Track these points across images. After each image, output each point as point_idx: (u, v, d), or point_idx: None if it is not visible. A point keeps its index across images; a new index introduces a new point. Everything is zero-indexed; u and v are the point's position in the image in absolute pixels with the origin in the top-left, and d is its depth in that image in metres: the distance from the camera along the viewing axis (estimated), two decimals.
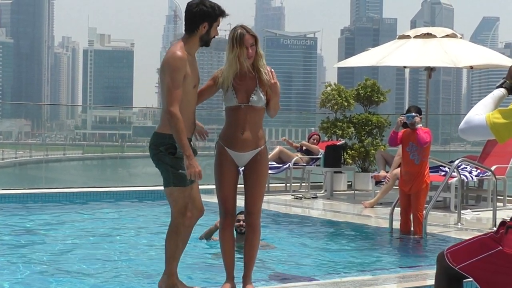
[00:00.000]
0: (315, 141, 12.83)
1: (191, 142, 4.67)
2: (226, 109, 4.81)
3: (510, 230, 3.10)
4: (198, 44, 4.66)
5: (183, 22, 4.79)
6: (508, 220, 3.14)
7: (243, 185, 4.88)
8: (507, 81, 3.12)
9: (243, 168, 4.85)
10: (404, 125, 8.03)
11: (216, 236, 6.84)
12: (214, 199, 5.03)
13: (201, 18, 4.58)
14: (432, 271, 5.98)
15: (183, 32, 4.79)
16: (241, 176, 4.91)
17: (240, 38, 4.68)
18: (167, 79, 4.49)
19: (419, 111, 8.03)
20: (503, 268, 3.12)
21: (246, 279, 4.89)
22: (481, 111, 3.05)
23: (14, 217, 9.23)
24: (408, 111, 8.02)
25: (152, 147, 4.61)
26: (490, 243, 3.19)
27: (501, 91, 3.12)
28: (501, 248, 3.11)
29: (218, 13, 4.61)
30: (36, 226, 8.59)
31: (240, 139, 4.74)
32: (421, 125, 7.92)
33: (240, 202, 4.96)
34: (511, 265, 3.09)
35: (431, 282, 5.55)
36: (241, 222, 6.71)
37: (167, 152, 4.56)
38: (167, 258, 4.75)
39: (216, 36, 4.71)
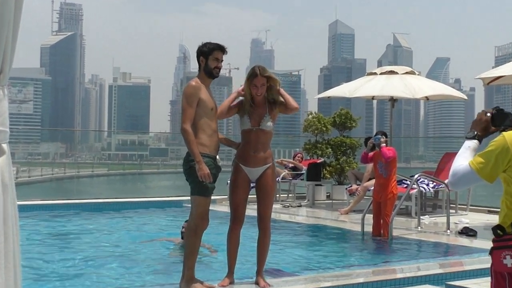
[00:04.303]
0: (299, 158, 12.85)
1: (217, 160, 4.72)
2: (242, 132, 4.88)
3: (493, 251, 2.55)
4: (205, 76, 4.75)
5: (191, 63, 4.90)
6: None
7: (255, 196, 4.91)
8: (478, 133, 2.68)
9: (254, 184, 4.88)
10: (374, 147, 8.06)
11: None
12: (217, 208, 5.02)
13: (198, 55, 4.79)
14: (398, 266, 5.96)
15: (191, 70, 4.91)
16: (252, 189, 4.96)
17: (251, 77, 4.79)
18: (183, 102, 4.65)
19: (384, 134, 8.09)
20: None
21: (259, 273, 4.90)
22: (463, 162, 2.61)
23: (50, 223, 9.17)
24: (376, 134, 8.07)
25: (184, 163, 4.68)
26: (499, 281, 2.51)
27: (475, 142, 2.67)
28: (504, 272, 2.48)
29: (211, 47, 4.74)
30: (69, 231, 8.53)
31: (252, 156, 4.78)
32: (384, 144, 7.93)
33: (249, 211, 4.99)
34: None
35: (399, 276, 5.52)
36: (183, 229, 6.74)
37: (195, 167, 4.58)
38: (186, 254, 4.72)
39: (219, 68, 4.76)
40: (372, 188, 8.46)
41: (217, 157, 4.76)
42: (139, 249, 7.00)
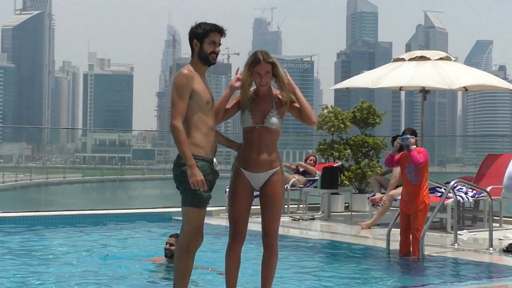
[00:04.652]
0: (312, 162, 12.84)
1: (214, 164, 4.72)
2: (243, 130, 4.89)
3: None
4: (200, 63, 4.76)
5: (182, 47, 4.89)
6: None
7: (259, 207, 4.91)
8: None
9: (258, 193, 4.88)
10: (401, 148, 8.05)
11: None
12: (213, 221, 5.02)
13: (191, 38, 4.77)
14: None
15: (182, 56, 4.90)
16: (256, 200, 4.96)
17: (253, 64, 4.77)
18: (173, 94, 4.65)
19: (414, 133, 8.05)
20: None
21: None
22: None
23: (14, 240, 9.18)
24: (403, 133, 8.04)
25: (175, 167, 4.68)
26: None
27: None
28: None
29: (206, 29, 4.73)
30: (35, 248, 8.54)
31: (254, 159, 4.79)
32: (414, 146, 7.91)
33: (252, 225, 4.99)
34: None
35: None
36: (167, 246, 6.71)
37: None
38: (176, 277, 4.72)
39: (217, 53, 4.76)
40: (399, 197, 8.46)
41: (214, 160, 4.75)
42: (116, 271, 7.00)
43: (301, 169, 12.80)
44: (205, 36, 4.72)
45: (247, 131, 4.84)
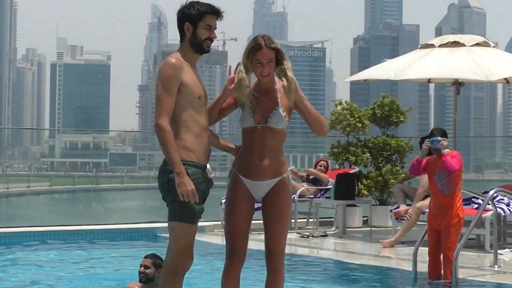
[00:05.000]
0: (322, 168, 12.81)
1: (207, 170, 4.73)
2: (242, 131, 4.90)
3: None
4: (191, 50, 4.75)
5: (169, 31, 4.90)
6: None
7: (261, 221, 4.93)
8: None
9: (259, 204, 4.89)
10: (430, 152, 8.04)
11: None
12: (207, 238, 5.03)
13: (182, 20, 4.76)
14: None
15: (169, 42, 4.91)
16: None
17: (253, 50, 4.78)
18: (158, 87, 4.65)
19: (444, 134, 8.03)
20: None
21: None
22: None
23: None
24: (432, 134, 8.02)
25: (161, 175, 4.69)
26: None
27: None
28: None
29: (201, 10, 4.72)
30: None
31: (256, 165, 4.80)
32: (447, 150, 7.90)
33: (253, 244, 4.99)
34: None
35: None
36: (142, 268, 6.67)
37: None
38: None
39: (212, 40, 4.76)
40: (428, 210, 8.47)
41: (208, 166, 4.76)
42: None
43: (311, 177, 12.80)
44: (199, 19, 4.71)
45: (248, 132, 4.85)
